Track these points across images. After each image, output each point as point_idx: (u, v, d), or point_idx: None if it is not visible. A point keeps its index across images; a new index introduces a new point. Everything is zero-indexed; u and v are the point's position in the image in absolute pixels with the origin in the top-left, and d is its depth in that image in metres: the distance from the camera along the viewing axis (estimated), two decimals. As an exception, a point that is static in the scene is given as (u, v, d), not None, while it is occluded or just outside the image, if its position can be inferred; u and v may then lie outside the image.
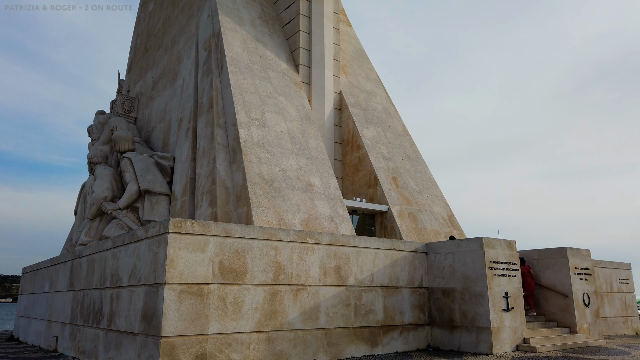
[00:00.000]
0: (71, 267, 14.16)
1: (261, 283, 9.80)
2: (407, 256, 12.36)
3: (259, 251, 9.91)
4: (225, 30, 20.26)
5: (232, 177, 16.72)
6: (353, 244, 11.40)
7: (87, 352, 11.70)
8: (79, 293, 13.07)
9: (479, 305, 11.39)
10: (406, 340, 11.88)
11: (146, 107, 26.17)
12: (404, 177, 21.17)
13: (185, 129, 19.88)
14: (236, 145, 16.97)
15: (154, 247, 9.19)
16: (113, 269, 10.99)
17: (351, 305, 11.07)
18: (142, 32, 30.56)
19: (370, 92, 24.13)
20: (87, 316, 12.09)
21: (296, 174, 17.42)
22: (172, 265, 8.76)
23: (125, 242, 10.55)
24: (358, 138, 21.41)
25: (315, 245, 10.76)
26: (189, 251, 9.01)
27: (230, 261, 9.49)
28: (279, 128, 18.48)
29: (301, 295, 10.32)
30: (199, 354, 8.78)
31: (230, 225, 9.65)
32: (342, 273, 11.08)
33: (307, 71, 21.89)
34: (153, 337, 8.64)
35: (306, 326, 10.25)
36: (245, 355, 9.31)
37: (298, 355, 10.02)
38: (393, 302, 11.83)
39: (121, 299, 10.28)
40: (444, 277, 12.27)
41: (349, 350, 10.81)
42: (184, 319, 8.74)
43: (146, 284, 9.26)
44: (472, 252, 11.75)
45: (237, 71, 19.14)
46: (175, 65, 23.73)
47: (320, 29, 22.50)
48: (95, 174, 20.84)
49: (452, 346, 11.84)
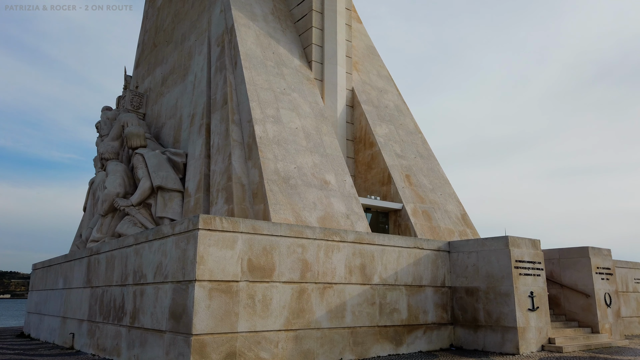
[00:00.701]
0: (88, 264, 14.03)
1: (289, 281, 9.68)
2: (430, 255, 12.25)
3: (286, 249, 9.79)
4: (238, 26, 20.10)
5: (247, 174, 16.58)
6: (377, 242, 11.29)
7: (107, 349, 11.58)
8: (97, 290, 12.95)
9: (505, 304, 11.28)
10: (430, 340, 11.77)
11: (155, 103, 26.01)
12: (417, 175, 21.05)
13: (197, 125, 19.73)
14: (252, 142, 16.83)
15: (182, 244, 9.07)
16: (136, 266, 10.87)
17: (376, 304, 10.96)
18: (150, 28, 30.36)
19: (381, 90, 23.99)
20: (107, 313, 11.96)
21: (311, 171, 17.29)
22: (202, 263, 8.63)
23: (150, 239, 10.42)
24: (371, 135, 21.27)
25: (340, 243, 10.64)
26: (218, 248, 8.88)
27: (258, 258, 9.37)
28: (294, 125, 18.35)
29: (327, 294, 10.21)
30: (229, 352, 8.66)
31: (258, 222, 9.53)
32: (367, 271, 10.97)
33: (319, 68, 21.73)
34: (183, 334, 8.52)
35: (333, 325, 10.14)
36: (273, 353, 9.20)
37: (325, 354, 9.91)
38: (417, 301, 11.72)
39: (145, 296, 10.16)
40: (467, 276, 12.16)
41: (374, 349, 10.70)
42: (214, 316, 8.62)
43: (174, 281, 9.13)
44: (497, 251, 11.64)
45: (251, 67, 18.99)
46: (185, 61, 23.57)
47: (332, 26, 22.35)
48: (107, 170, 20.69)
49: (476, 346, 11.73)
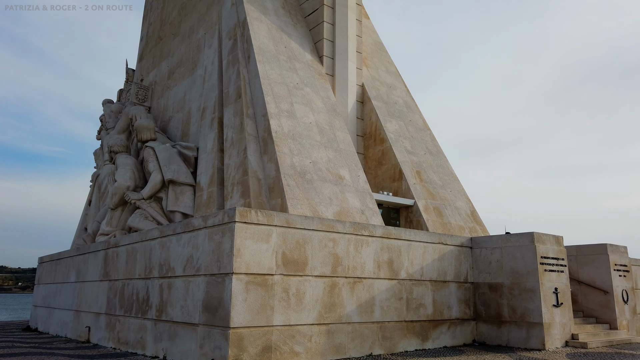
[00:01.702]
0: (105, 257, 13.90)
1: (321, 275, 9.64)
2: (454, 250, 12.26)
3: (318, 242, 9.75)
4: (250, 19, 19.97)
5: (263, 168, 16.50)
6: (404, 237, 11.28)
7: (130, 343, 11.48)
8: (116, 283, 12.83)
9: (530, 300, 11.32)
10: (454, 335, 11.79)
11: (161, 96, 25.81)
12: (427, 172, 21.06)
13: (209, 119, 19.60)
14: (267, 136, 16.74)
15: (217, 237, 9.00)
16: (162, 259, 10.78)
17: (403, 299, 10.95)
18: (154, 21, 30.10)
19: (390, 85, 23.97)
20: (130, 306, 11.86)
21: (326, 166, 17.23)
22: (239, 255, 8.57)
23: (178, 232, 10.33)
24: (382, 131, 21.25)
25: (369, 238, 10.61)
26: (254, 241, 8.82)
27: (292, 252, 9.32)
28: (307, 120, 18.27)
29: (357, 288, 10.18)
30: (265, 346, 8.62)
31: (291, 216, 9.48)
32: (394, 266, 10.96)
33: (330, 63, 21.67)
34: (220, 328, 8.46)
35: (362, 319, 10.12)
36: (307, 347, 9.17)
37: (355, 348, 9.89)
38: (441, 297, 11.73)
39: (174, 289, 10.08)
40: (490, 272, 12.18)
41: (402, 344, 10.70)
42: (251, 310, 8.57)
43: (207, 274, 9.06)
44: (522, 247, 11.67)
45: (265, 61, 18.88)
46: (194, 54, 23.39)
47: (344, 20, 22.28)
48: (117, 163, 20.50)
49: (500, 341, 11.77)
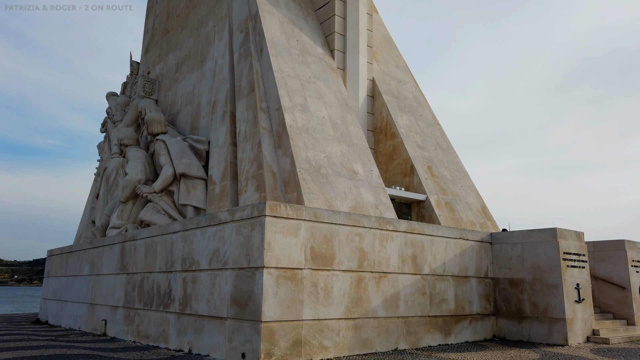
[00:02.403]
0: (121, 250, 13.84)
1: (348, 269, 9.61)
2: (475, 246, 12.24)
3: (345, 237, 9.71)
4: (262, 12, 19.85)
5: (278, 162, 16.43)
6: (427, 232, 11.25)
7: (151, 336, 11.44)
8: (135, 276, 12.77)
9: (552, 296, 11.32)
10: (475, 330, 11.79)
11: (169, 89, 25.66)
12: (438, 167, 21.02)
13: (220, 112, 19.50)
14: (282, 130, 16.66)
15: (245, 231, 8.94)
16: (185, 252, 10.72)
17: (427, 294, 10.94)
18: (160, 13, 29.91)
19: (400, 80, 23.90)
20: (150, 300, 11.81)
21: (340, 160, 17.18)
22: (270, 249, 8.52)
23: (202, 225, 10.27)
24: (392, 126, 21.19)
25: (394, 233, 10.58)
26: (283, 235, 8.78)
27: (320, 246, 9.28)
28: (321, 114, 18.20)
29: (383, 283, 10.16)
30: (295, 340, 8.59)
31: (319, 210, 9.43)
32: (418, 261, 10.93)
33: (341, 57, 21.57)
34: (250, 321, 8.42)
35: (388, 314, 10.10)
36: (335, 342, 9.14)
37: (381, 343, 9.87)
38: (463, 292, 11.72)
39: (199, 283, 10.03)
40: (511, 268, 12.17)
41: (425, 339, 10.69)
42: (281, 304, 8.53)
43: (236, 268, 9.01)
44: (544, 242, 11.65)
45: (278, 54, 18.78)
46: (203, 47, 23.24)
47: (355, 14, 22.17)
48: (127, 156, 20.39)
49: (521, 337, 11.77)
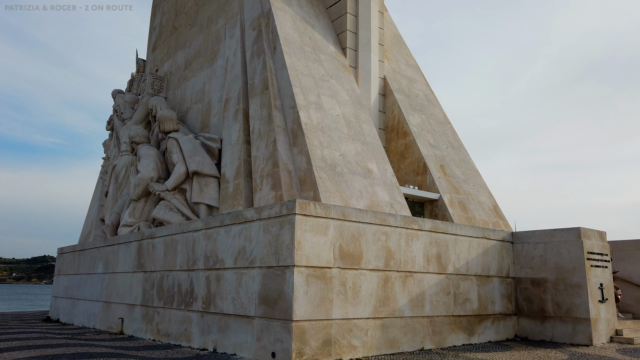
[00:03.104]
0: (138, 248, 13.76)
1: (375, 269, 9.54)
2: (496, 245, 12.18)
3: (372, 236, 9.64)
4: (275, 10, 19.76)
5: (293, 160, 16.35)
6: (451, 231, 11.18)
7: (172, 335, 11.37)
8: (153, 274, 12.70)
9: (576, 296, 11.26)
10: (497, 330, 11.73)
11: (178, 87, 25.56)
12: (450, 166, 20.95)
13: (233, 110, 19.41)
14: (297, 128, 16.58)
15: (274, 229, 8.87)
16: (208, 251, 10.65)
17: (451, 294, 10.87)
18: (168, 10, 29.80)
19: (411, 79, 23.81)
20: (170, 298, 11.74)
21: (355, 159, 17.10)
22: (300, 248, 8.45)
23: (226, 223, 10.20)
24: (404, 125, 21.11)
25: (419, 232, 10.51)
26: (313, 234, 8.70)
27: (348, 245, 9.21)
28: (335, 112, 18.12)
29: (409, 282, 10.09)
30: (325, 339, 8.52)
31: (346, 209, 9.36)
32: (442, 261, 10.87)
33: (353, 55, 21.48)
34: (281, 321, 8.35)
35: (414, 313, 10.03)
36: (364, 341, 9.08)
37: (408, 342, 9.81)
38: (486, 291, 11.66)
39: (224, 281, 9.95)
40: (533, 267, 12.11)
41: (450, 339, 10.63)
42: (311, 303, 8.46)
43: (263, 267, 8.94)
44: (568, 242, 11.59)
45: (291, 52, 18.69)
46: (213, 44, 23.14)
47: (367, 12, 22.09)
48: (139, 154, 20.29)
49: (544, 337, 11.72)
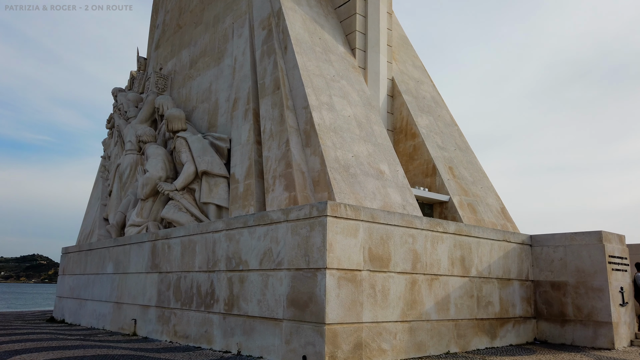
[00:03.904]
0: (152, 249, 13.61)
1: (402, 271, 9.47)
2: (516, 248, 12.15)
3: (399, 238, 9.56)
4: (285, 9, 19.65)
5: (306, 161, 16.25)
6: (474, 234, 11.14)
7: (192, 337, 11.23)
8: (169, 275, 12.55)
9: (598, 299, 11.25)
10: (518, 333, 11.70)
11: (183, 85, 25.37)
12: (459, 168, 20.93)
13: (242, 110, 19.28)
14: (310, 129, 16.49)
15: (303, 231, 8.77)
16: (230, 252, 10.53)
17: (474, 297, 10.82)
18: (172, 8, 29.59)
19: (418, 80, 23.79)
20: (188, 299, 11.60)
21: (367, 160, 17.02)
22: (331, 250, 8.36)
23: (250, 224, 10.09)
24: (413, 126, 21.07)
25: (444, 234, 10.45)
26: (344, 236, 8.62)
27: (377, 248, 9.13)
28: (346, 113, 18.04)
29: (434, 285, 10.03)
30: (356, 343, 8.43)
31: (375, 211, 9.28)
32: (466, 263, 10.82)
33: (362, 55, 21.43)
34: (312, 323, 8.25)
35: (440, 317, 9.97)
36: (393, 345, 9.00)
37: (434, 346, 9.74)
38: (506, 294, 11.62)
39: (248, 283, 9.84)
40: (552, 270, 12.09)
41: (474, 343, 10.58)
42: (343, 306, 8.37)
43: (292, 269, 8.84)
44: (589, 245, 11.58)
45: (302, 52, 18.60)
46: (220, 43, 23.00)
47: (376, 13, 22.04)
48: (147, 153, 20.11)
49: (564, 340, 11.70)
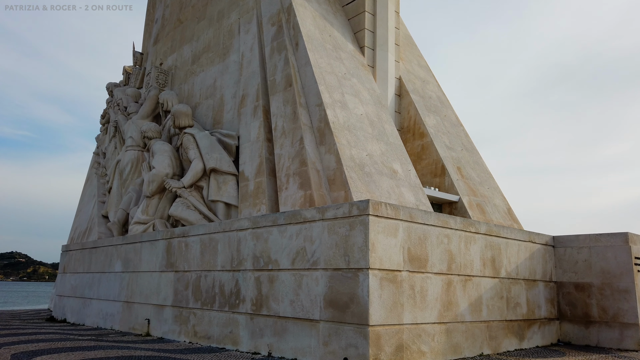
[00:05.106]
0: (167, 247, 13.29)
1: (439, 272, 9.32)
2: (540, 249, 12.08)
3: (436, 238, 9.41)
4: (296, 6, 19.41)
5: (321, 159, 16.04)
6: (503, 235, 11.03)
7: (214, 337, 10.96)
8: (187, 274, 12.25)
9: (624, 301, 11.23)
10: (543, 335, 11.63)
11: (185, 81, 24.97)
12: (466, 168, 20.89)
13: (251, 106, 18.99)
14: (324, 127, 16.28)
15: (342, 230, 8.57)
16: (257, 251, 10.28)
17: (504, 298, 10.72)
18: (171, 3, 29.13)
19: (424, 80, 23.71)
20: (210, 299, 11.32)
21: (380, 159, 16.87)
22: (374, 250, 8.17)
23: (280, 223, 9.86)
24: (421, 125, 20.97)
25: (476, 235, 10.33)
26: (385, 236, 8.43)
27: (415, 248, 8.96)
28: (359, 111, 17.87)
29: (468, 286, 9.89)
30: (398, 345, 8.25)
31: (413, 210, 9.12)
32: (496, 264, 10.71)
33: (371, 54, 21.27)
34: (354, 325, 8.05)
35: (473, 318, 9.84)
36: (431, 347, 8.84)
37: (469, 348, 9.61)
38: (533, 296, 11.54)
39: (278, 283, 9.61)
40: (576, 272, 12.05)
41: (504, 344, 10.48)
42: (385, 307, 8.19)
43: (329, 269, 8.63)
44: (614, 247, 11.56)
45: (314, 49, 18.38)
46: (225, 39, 22.67)
47: (384, 11, 21.89)
48: (153, 150, 19.70)
49: (588, 342, 11.66)
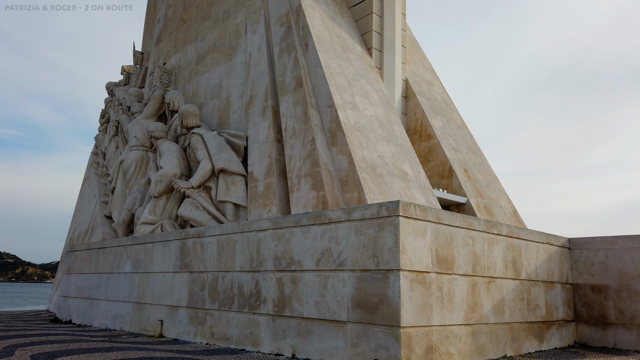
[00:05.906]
0: (181, 247, 13.19)
1: (464, 274, 9.30)
2: (557, 251, 12.11)
3: (461, 240, 9.40)
4: (305, 7, 19.38)
5: (333, 160, 16.00)
6: (523, 237, 11.05)
7: (233, 339, 10.88)
8: (203, 275, 12.16)
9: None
10: (561, 337, 11.66)
11: (189, 81, 24.86)
12: (472, 170, 20.94)
13: (260, 107, 18.93)
14: (335, 128, 16.25)
15: (370, 231, 8.53)
16: (278, 252, 10.22)
17: (524, 300, 10.73)
18: (174, 2, 29.03)
19: (429, 82, 23.76)
20: (228, 300, 11.24)
21: (391, 160, 16.87)
22: (404, 251, 8.14)
23: (303, 224, 9.80)
24: (428, 127, 21.00)
25: (498, 236, 10.33)
26: (414, 237, 8.41)
27: (442, 249, 8.94)
28: (369, 112, 17.86)
29: (492, 288, 9.89)
30: (427, 347, 8.23)
31: (440, 212, 9.10)
32: (517, 266, 10.72)
33: (378, 55, 21.28)
34: (385, 327, 8.02)
35: (497, 320, 9.84)
36: (458, 349, 8.82)
37: (493, 350, 9.61)
38: (551, 297, 11.57)
39: (302, 284, 9.55)
40: (593, 274, 12.09)
41: (525, 346, 10.49)
42: (415, 308, 8.16)
43: (357, 270, 8.59)
44: (632, 249, 11.61)
45: (324, 50, 18.35)
46: (231, 39, 22.59)
47: (391, 13, 21.91)
48: (160, 150, 19.57)
49: (605, 343, 11.70)
